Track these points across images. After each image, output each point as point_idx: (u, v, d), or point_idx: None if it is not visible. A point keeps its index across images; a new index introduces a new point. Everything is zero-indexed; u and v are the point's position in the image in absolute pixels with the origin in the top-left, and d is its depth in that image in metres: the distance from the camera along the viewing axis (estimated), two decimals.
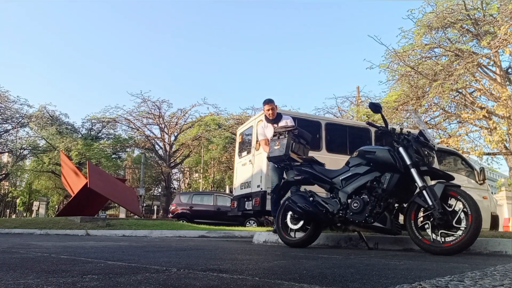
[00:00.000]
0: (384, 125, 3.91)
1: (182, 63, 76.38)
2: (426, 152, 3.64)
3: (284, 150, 4.32)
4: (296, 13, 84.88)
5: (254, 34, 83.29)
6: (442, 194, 3.30)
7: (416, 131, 4.01)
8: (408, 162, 3.52)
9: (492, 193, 10.82)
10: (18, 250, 3.38)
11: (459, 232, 3.19)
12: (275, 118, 5.42)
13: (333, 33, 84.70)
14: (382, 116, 3.93)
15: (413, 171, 3.48)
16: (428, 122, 16.18)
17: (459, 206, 3.28)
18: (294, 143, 4.42)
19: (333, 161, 7.02)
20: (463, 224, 3.20)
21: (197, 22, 79.60)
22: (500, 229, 10.58)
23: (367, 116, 16.63)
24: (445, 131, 16.45)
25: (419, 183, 3.43)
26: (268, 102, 5.41)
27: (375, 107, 3.82)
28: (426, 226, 3.39)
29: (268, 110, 5.41)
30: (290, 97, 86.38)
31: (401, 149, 3.61)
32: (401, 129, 3.93)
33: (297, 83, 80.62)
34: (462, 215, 3.22)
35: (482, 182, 9.07)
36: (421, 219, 3.47)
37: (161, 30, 76.45)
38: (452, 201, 3.34)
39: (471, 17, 13.38)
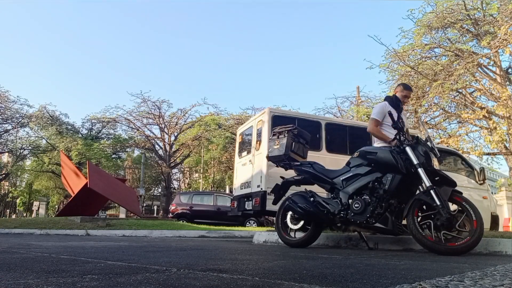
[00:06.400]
0: None
1: (182, 63, 76.49)
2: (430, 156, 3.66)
3: (284, 150, 4.31)
4: (296, 12, 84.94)
5: (254, 34, 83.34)
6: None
7: (415, 132, 4.02)
8: (415, 162, 3.52)
9: (492, 193, 10.80)
10: (18, 250, 3.38)
11: (465, 234, 3.27)
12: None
13: (333, 33, 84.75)
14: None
15: (420, 170, 3.48)
16: (428, 122, 16.17)
17: (462, 210, 3.36)
18: (294, 143, 4.39)
19: (333, 161, 7.03)
20: (467, 228, 3.29)
21: (198, 22, 79.65)
22: (500, 229, 10.56)
23: (367, 116, 16.62)
24: (445, 131, 16.43)
25: (427, 182, 3.42)
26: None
27: None
28: (424, 226, 3.41)
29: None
30: (290, 97, 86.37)
31: (407, 149, 3.60)
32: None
33: (297, 83, 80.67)
34: (465, 220, 3.31)
35: (482, 182, 9.05)
36: (419, 218, 3.48)
37: (161, 30, 76.51)
38: (454, 206, 3.42)
39: (471, 17, 13.37)
